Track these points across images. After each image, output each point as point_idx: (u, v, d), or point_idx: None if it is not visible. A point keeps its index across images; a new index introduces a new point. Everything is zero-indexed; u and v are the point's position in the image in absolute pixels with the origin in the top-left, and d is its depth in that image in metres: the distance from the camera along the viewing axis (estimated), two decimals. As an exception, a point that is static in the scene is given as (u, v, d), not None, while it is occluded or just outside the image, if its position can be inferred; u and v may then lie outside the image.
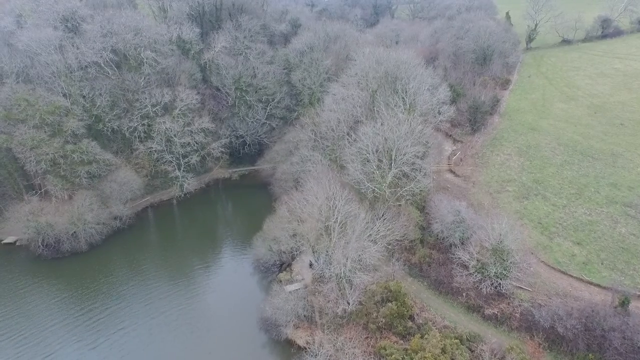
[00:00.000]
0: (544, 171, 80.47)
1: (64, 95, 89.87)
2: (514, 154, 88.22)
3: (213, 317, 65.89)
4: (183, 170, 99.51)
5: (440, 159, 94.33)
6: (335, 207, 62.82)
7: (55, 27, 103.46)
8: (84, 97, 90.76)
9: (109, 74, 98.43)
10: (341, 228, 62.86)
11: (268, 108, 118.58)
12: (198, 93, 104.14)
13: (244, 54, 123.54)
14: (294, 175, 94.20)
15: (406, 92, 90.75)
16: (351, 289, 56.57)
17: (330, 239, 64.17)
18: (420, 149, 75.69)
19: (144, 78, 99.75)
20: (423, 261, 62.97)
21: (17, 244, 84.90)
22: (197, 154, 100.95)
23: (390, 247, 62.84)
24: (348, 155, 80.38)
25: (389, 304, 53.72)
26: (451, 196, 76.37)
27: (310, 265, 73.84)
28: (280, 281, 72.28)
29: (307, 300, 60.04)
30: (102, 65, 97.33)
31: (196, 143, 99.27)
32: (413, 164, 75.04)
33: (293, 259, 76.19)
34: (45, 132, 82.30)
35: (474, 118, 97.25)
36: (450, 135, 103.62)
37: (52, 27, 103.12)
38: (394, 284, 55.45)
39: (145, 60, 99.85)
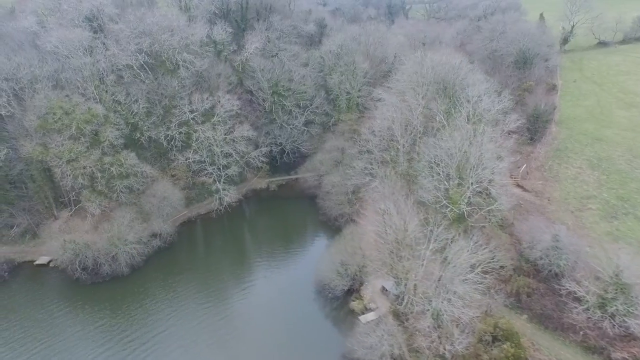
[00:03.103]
0: (626, 187, 74.88)
1: (96, 101, 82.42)
2: (585, 166, 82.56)
3: (284, 352, 59.29)
4: (223, 182, 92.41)
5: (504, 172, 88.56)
6: (431, 232, 56.46)
7: (81, 28, 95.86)
8: (120, 103, 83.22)
9: (143, 78, 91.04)
10: (433, 255, 56.69)
11: (306, 113, 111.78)
12: (238, 98, 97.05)
13: (277, 55, 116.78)
14: (348, 189, 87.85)
15: (469, 100, 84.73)
16: (457, 327, 50.32)
17: (419, 266, 58.02)
18: (500, 163, 69.84)
19: (179, 82, 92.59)
20: (522, 291, 56.87)
21: (50, 265, 77.54)
22: (237, 165, 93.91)
23: (487, 276, 56.65)
24: (420, 169, 74.37)
25: (503, 346, 47.55)
26: (532, 216, 70.52)
27: (384, 291, 67.57)
28: (353, 310, 65.97)
29: (401, 338, 53.55)
30: (136, 68, 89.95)
31: (237, 153, 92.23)
32: (492, 180, 69.25)
33: (361, 284, 69.87)
34: (82, 143, 74.77)
35: (534, 127, 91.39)
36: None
37: (78, 27, 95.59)
38: (504, 321, 49.31)
39: (181, 62, 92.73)
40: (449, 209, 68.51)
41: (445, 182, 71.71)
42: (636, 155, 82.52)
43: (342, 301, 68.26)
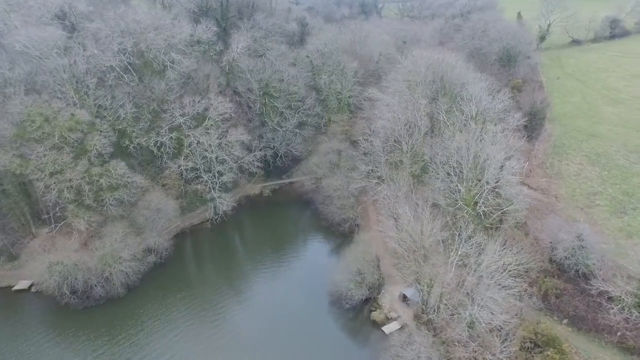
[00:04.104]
0: (629, 182, 76.11)
1: (78, 107, 75.05)
2: (586, 163, 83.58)
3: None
4: (218, 190, 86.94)
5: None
6: (458, 236, 54.32)
7: (54, 26, 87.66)
8: (105, 108, 76.25)
9: (127, 80, 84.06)
10: (460, 259, 54.64)
11: (297, 115, 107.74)
12: (230, 101, 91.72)
13: (264, 55, 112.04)
14: (352, 192, 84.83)
15: (471, 98, 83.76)
16: (496, 335, 48.34)
17: (446, 271, 55.81)
18: (512, 162, 68.98)
19: (167, 84, 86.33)
20: (551, 293, 55.84)
21: (32, 290, 69.80)
22: (231, 171, 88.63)
23: (517, 279, 55.16)
24: (430, 171, 72.39)
25: (546, 353, 46.00)
26: (544, 214, 70.17)
27: (404, 299, 65.02)
28: (374, 321, 62.99)
29: (438, 350, 51.00)
30: (119, 70, 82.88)
31: (233, 158, 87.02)
32: (506, 180, 68.25)
33: (379, 292, 67.01)
34: (67, 153, 67.61)
35: (531, 125, 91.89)
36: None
37: (48, 25, 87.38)
38: (544, 327, 47.80)
39: (169, 63, 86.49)
40: (465, 211, 67.01)
41: (459, 184, 70.28)
42: (631, 150, 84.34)
43: (360, 311, 65.23)
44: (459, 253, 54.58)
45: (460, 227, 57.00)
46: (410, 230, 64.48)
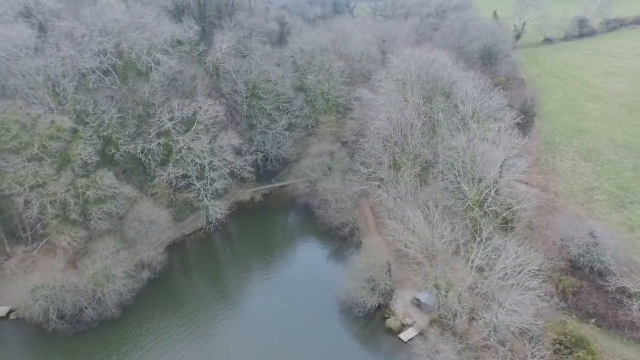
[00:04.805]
0: (622, 176, 78.04)
1: (58, 113, 68.73)
2: (578, 158, 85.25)
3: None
4: (211, 197, 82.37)
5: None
6: (480, 239, 53.17)
7: (22, 25, 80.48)
8: (88, 114, 70.23)
9: (108, 83, 77.94)
10: (479, 261, 53.53)
11: (285, 116, 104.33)
12: (219, 103, 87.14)
13: (249, 55, 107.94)
14: (354, 195, 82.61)
15: (467, 97, 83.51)
16: (525, 339, 47.40)
17: (465, 274, 54.61)
18: (521, 161, 68.98)
19: (151, 86, 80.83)
20: (568, 291, 55.73)
21: (12, 316, 63.09)
22: (223, 177, 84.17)
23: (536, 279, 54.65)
24: (435, 172, 71.30)
25: (578, 355, 45.49)
26: (546, 211, 70.58)
27: (417, 303, 63.37)
28: (390, 328, 60.95)
29: (467, 358, 49.46)
30: (98, 72, 76.65)
31: (226, 164, 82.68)
32: (516, 179, 68.20)
33: (390, 298, 65.03)
34: (49, 164, 61.49)
35: (524, 122, 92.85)
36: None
37: (13, 23, 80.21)
38: (571, 327, 47.32)
39: (152, 65, 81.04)
40: (475, 211, 66.33)
41: (465, 184, 69.60)
42: (619, 145, 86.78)
43: (373, 319, 63.02)
44: (478, 255, 53.45)
45: (479, 229, 56.08)
46: (422, 232, 63.23)
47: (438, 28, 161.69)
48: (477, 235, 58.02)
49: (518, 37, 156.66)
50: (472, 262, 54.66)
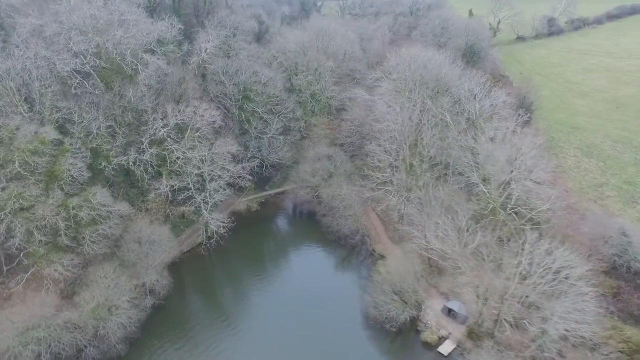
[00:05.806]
0: (627, 171, 79.34)
1: (39, 123, 59.59)
2: (580, 155, 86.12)
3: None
4: (210, 210, 75.46)
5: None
6: (523, 248, 50.73)
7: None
8: (73, 123, 61.54)
9: (89, 88, 69.10)
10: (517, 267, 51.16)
11: (278, 119, 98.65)
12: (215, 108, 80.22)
13: (236, 55, 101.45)
14: (358, 201, 78.74)
15: (471, 96, 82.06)
16: (591, 352, 45.42)
17: (508, 281, 52.07)
18: (543, 160, 67.80)
19: (140, 91, 72.79)
20: (607, 293, 54.74)
21: (-5, 363, 53.78)
22: (223, 188, 77.46)
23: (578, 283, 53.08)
24: (452, 174, 68.70)
25: (640, 361, 44.04)
26: (561, 209, 69.93)
27: (449, 313, 60.39)
28: (426, 342, 57.51)
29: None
30: (77, 76, 67.72)
31: (227, 173, 76.02)
32: (538, 178, 66.90)
33: (420, 309, 61.68)
34: (34, 183, 52.83)
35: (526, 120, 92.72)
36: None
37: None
38: (630, 333, 45.87)
39: (139, 66, 72.95)
40: (500, 213, 64.41)
41: (485, 186, 67.66)
42: (615, 140, 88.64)
43: (406, 333, 59.38)
44: (522, 261, 51.12)
45: (510, 232, 53.87)
46: (451, 238, 60.43)
47: (416, 27, 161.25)
48: (508, 239, 55.74)
49: (494, 35, 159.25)
50: (514, 267, 52.24)
